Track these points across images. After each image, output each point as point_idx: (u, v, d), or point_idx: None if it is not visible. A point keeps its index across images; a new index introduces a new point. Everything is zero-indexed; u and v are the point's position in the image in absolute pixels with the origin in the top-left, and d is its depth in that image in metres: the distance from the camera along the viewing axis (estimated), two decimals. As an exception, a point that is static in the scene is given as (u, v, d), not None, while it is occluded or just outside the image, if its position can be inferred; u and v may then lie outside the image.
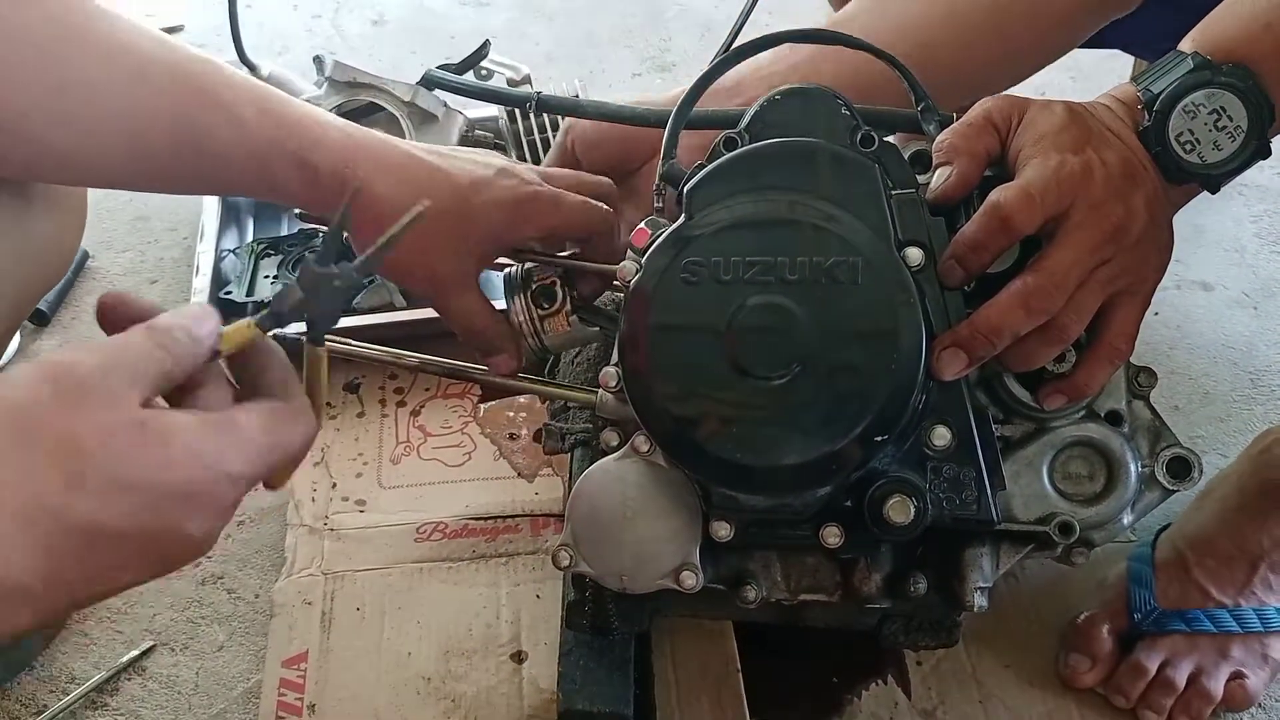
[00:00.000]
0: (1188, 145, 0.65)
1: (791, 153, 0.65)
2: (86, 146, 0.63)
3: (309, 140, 0.67)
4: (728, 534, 0.67)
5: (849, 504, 0.66)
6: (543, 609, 0.95)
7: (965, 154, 0.65)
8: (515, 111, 1.22)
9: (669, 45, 1.70)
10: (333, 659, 0.92)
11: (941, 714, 0.89)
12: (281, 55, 1.67)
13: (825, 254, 0.63)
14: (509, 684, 0.90)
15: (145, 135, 0.64)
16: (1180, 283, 1.26)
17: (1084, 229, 0.62)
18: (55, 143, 0.62)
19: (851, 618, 0.77)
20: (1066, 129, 0.64)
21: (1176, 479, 0.70)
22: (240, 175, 0.67)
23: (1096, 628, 0.89)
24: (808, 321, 0.62)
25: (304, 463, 1.08)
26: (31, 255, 0.71)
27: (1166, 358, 1.18)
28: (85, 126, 0.62)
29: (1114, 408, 0.70)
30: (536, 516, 1.02)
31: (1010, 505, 0.69)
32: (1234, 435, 1.10)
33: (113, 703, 0.92)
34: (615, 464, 0.68)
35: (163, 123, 0.64)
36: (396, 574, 0.98)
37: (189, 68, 0.65)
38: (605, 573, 0.69)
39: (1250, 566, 0.89)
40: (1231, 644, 0.87)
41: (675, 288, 0.64)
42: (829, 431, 0.62)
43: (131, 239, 1.37)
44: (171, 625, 0.97)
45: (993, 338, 0.62)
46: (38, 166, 0.64)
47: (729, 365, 0.63)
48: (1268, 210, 1.36)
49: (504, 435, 1.10)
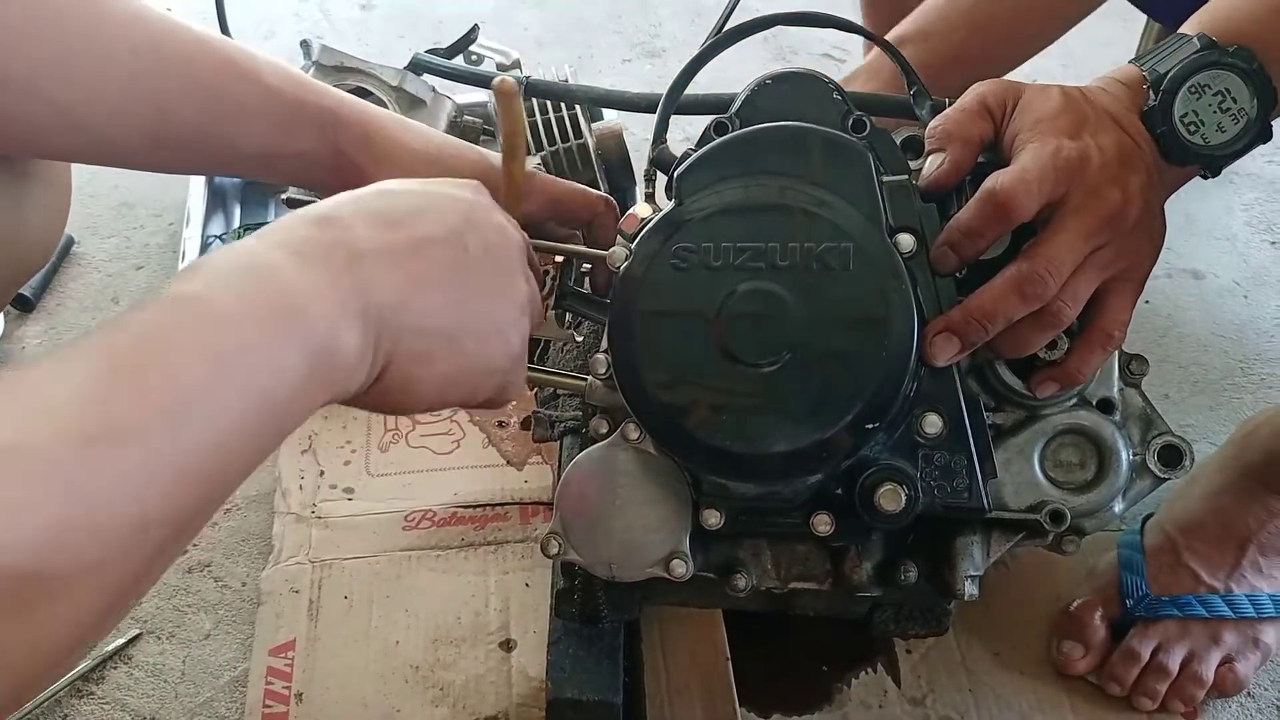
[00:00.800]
0: (1191, 126, 0.64)
1: (782, 137, 0.65)
2: (98, 110, 0.63)
3: (331, 98, 0.68)
4: (718, 522, 0.67)
5: (839, 492, 0.66)
6: (532, 597, 0.94)
7: (958, 140, 0.64)
8: (504, 97, 1.21)
9: (659, 30, 1.69)
10: (320, 647, 0.92)
11: (931, 702, 0.89)
12: (268, 40, 1.65)
13: (816, 240, 0.62)
14: (498, 672, 0.90)
15: (164, 102, 0.64)
16: (1171, 271, 1.26)
17: (1080, 215, 0.61)
18: (65, 102, 0.61)
19: (842, 606, 0.77)
20: (1063, 114, 0.63)
21: (1168, 467, 0.70)
22: (263, 139, 0.67)
23: (1089, 615, 0.90)
24: (798, 308, 0.62)
25: (291, 450, 1.07)
26: (15, 237, 0.70)
27: (1157, 346, 1.18)
28: (97, 88, 0.62)
29: (1106, 395, 0.70)
30: (525, 504, 1.02)
31: (1001, 493, 0.68)
32: (1224, 423, 1.10)
33: (99, 691, 0.91)
34: (604, 451, 0.68)
35: (183, 88, 0.64)
36: (384, 562, 0.97)
37: (207, 38, 0.66)
38: (594, 561, 0.69)
39: (1239, 548, 0.89)
40: (1223, 629, 0.87)
41: (665, 274, 0.63)
42: (819, 419, 0.62)
43: (117, 225, 1.35)
44: (158, 613, 0.96)
45: (986, 323, 0.62)
46: (47, 130, 0.64)
47: (719, 352, 0.62)
48: (1258, 198, 1.36)
49: (493, 423, 1.09)
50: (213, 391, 0.39)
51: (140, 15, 0.63)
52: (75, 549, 0.34)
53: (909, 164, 0.67)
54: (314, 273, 0.46)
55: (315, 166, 0.69)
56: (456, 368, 0.53)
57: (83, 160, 0.70)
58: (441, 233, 0.52)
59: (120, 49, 0.62)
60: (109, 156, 0.68)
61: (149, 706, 0.91)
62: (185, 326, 0.40)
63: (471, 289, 0.53)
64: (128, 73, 0.63)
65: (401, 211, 0.52)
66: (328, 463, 1.06)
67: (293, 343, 0.43)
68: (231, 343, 0.41)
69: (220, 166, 0.86)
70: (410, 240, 0.51)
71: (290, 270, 0.45)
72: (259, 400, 0.41)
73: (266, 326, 0.42)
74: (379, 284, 0.48)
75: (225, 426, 0.40)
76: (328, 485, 1.04)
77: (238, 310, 0.42)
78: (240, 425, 0.41)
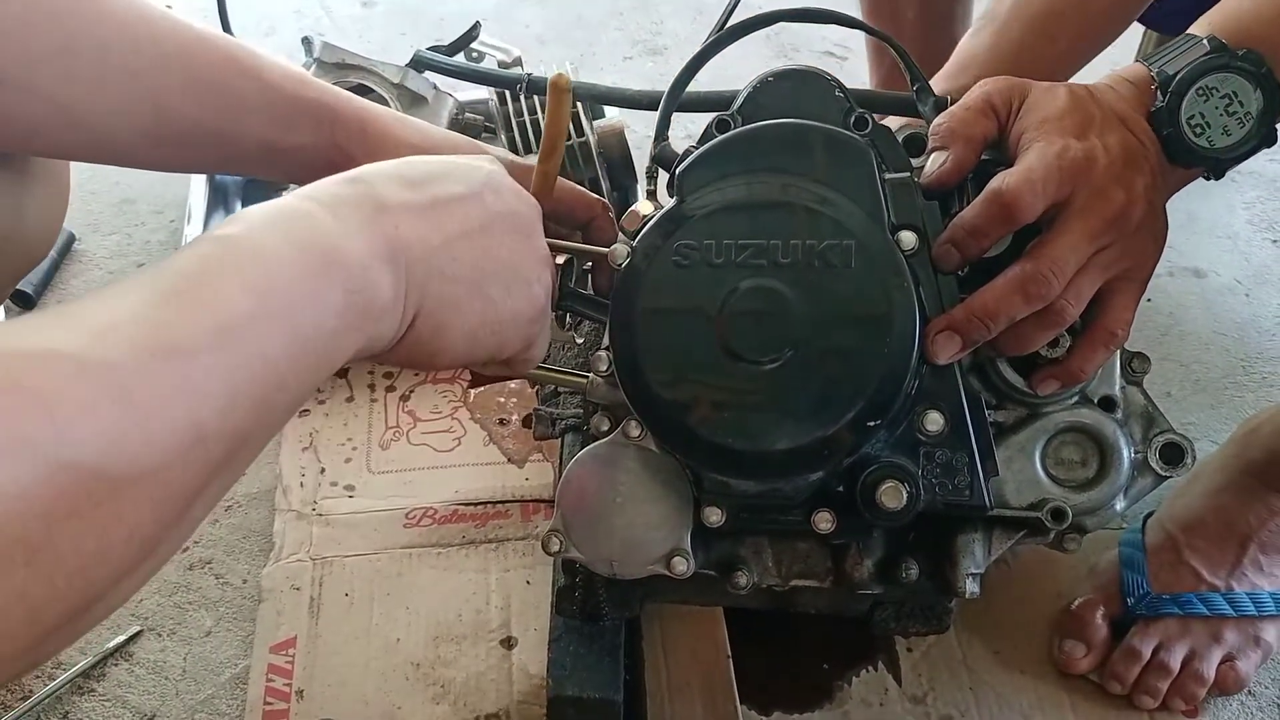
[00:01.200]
0: (1198, 128, 0.64)
1: (784, 135, 0.65)
2: (98, 107, 0.63)
3: (330, 94, 0.69)
4: (719, 519, 0.67)
5: (841, 489, 0.66)
6: (533, 594, 0.94)
7: (962, 139, 0.64)
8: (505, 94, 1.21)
9: (661, 28, 1.68)
10: (321, 645, 0.92)
11: (931, 700, 0.89)
12: (269, 37, 1.65)
13: (818, 237, 0.62)
14: (498, 670, 0.90)
15: (164, 99, 0.64)
16: (1173, 269, 1.26)
17: (1085, 215, 0.61)
18: (64, 100, 0.62)
19: (843, 603, 0.77)
20: (1069, 113, 0.63)
21: (1170, 465, 0.69)
22: (262, 135, 0.68)
23: (1090, 613, 0.89)
24: (800, 305, 0.62)
25: (292, 447, 1.07)
26: (13, 233, 0.70)
27: (1159, 344, 1.17)
28: (97, 86, 0.62)
29: (1108, 393, 0.69)
30: (527, 502, 1.02)
31: (1003, 491, 0.68)
32: (1225, 422, 1.10)
33: (100, 688, 0.92)
34: (606, 449, 0.68)
35: (183, 84, 0.65)
36: (385, 559, 0.97)
37: (206, 34, 0.66)
38: (595, 558, 0.69)
39: (1240, 546, 0.89)
40: (1224, 627, 0.87)
41: (667, 271, 0.63)
42: (821, 416, 0.62)
43: (118, 221, 1.35)
44: (159, 610, 0.97)
45: (988, 322, 0.62)
46: (46, 128, 0.64)
47: (721, 349, 0.62)
48: (1260, 197, 1.36)
49: (494, 420, 1.09)
50: (257, 319, 0.41)
51: (140, 12, 0.63)
52: (133, 453, 0.36)
53: (911, 161, 0.67)
54: (345, 219, 0.48)
55: (313, 162, 0.69)
56: (484, 316, 0.54)
57: (82, 158, 0.70)
58: (462, 190, 0.54)
59: (120, 46, 0.62)
60: (108, 154, 0.68)
61: (150, 703, 0.91)
62: (229, 262, 0.43)
63: (494, 241, 0.55)
64: (127, 70, 0.63)
65: (423, 175, 0.54)
66: (329, 460, 1.06)
67: (330, 279, 0.45)
68: (273, 277, 0.43)
69: (219, 164, 0.86)
70: (433, 197, 0.53)
71: (324, 216, 0.47)
72: (300, 331, 0.43)
73: (305, 263, 0.45)
74: (406, 233, 0.50)
75: (270, 354, 0.42)
76: (329, 482, 1.04)
77: (277, 248, 0.44)
78: (285, 353, 0.43)
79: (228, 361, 0.40)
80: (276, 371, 0.42)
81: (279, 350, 0.42)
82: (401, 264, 0.49)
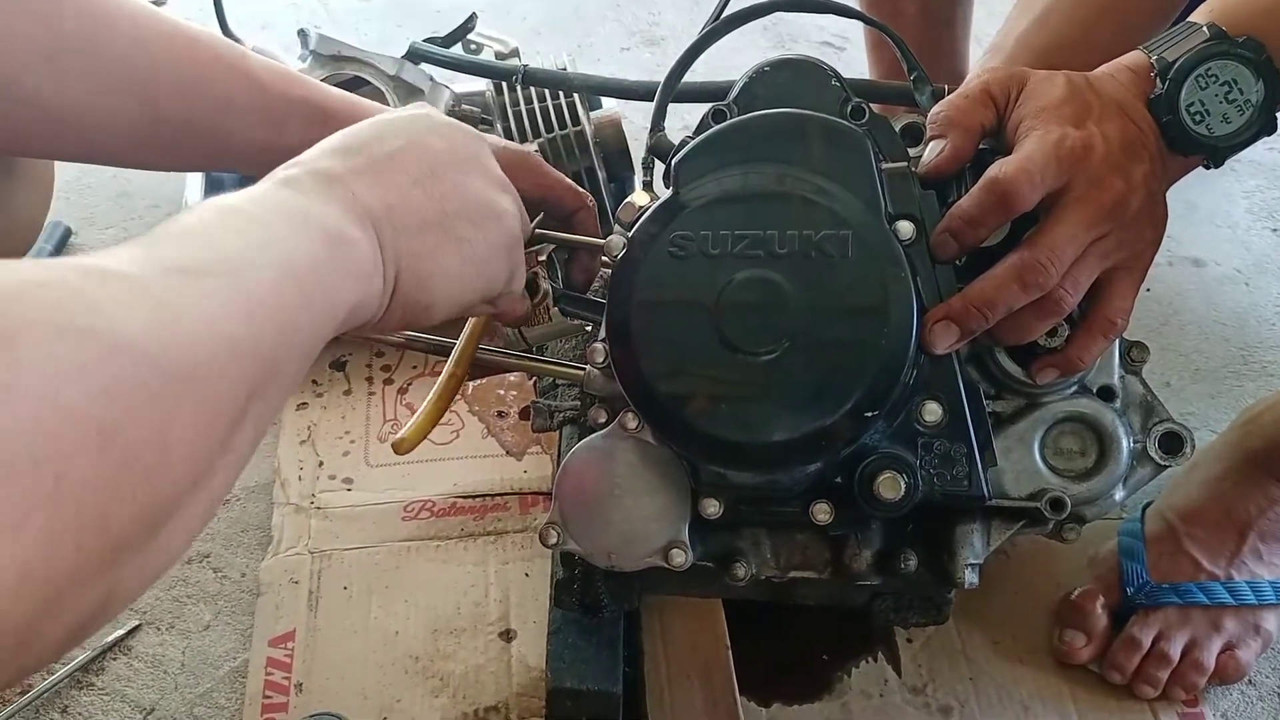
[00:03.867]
0: (1197, 116, 0.64)
1: (781, 124, 0.65)
2: (87, 109, 0.63)
3: (320, 92, 0.69)
4: (717, 511, 0.67)
5: (839, 480, 0.65)
6: (531, 587, 0.94)
7: (959, 128, 0.64)
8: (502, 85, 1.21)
9: (658, 19, 1.68)
10: (320, 638, 0.92)
11: (931, 691, 0.88)
12: (265, 30, 1.65)
13: (815, 227, 0.62)
14: (498, 662, 0.90)
15: (153, 99, 0.64)
16: (1172, 259, 1.26)
17: (1083, 204, 0.61)
18: (52, 105, 0.61)
19: (841, 595, 0.77)
20: (1068, 102, 0.63)
21: (1169, 454, 0.69)
22: (252, 134, 0.68)
23: (1090, 603, 0.89)
24: (797, 296, 0.61)
25: (290, 440, 1.07)
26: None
27: (1158, 334, 1.17)
28: (86, 87, 0.62)
29: (1106, 383, 0.69)
30: (525, 494, 1.02)
31: (1001, 481, 0.68)
32: (1225, 411, 1.09)
33: (98, 682, 0.91)
34: (603, 441, 0.68)
35: (172, 84, 0.64)
36: (384, 552, 0.97)
37: (195, 33, 0.66)
38: (593, 551, 0.69)
39: (1239, 535, 0.89)
40: (1224, 616, 0.87)
41: (663, 262, 0.63)
42: (819, 407, 0.61)
43: (114, 215, 1.35)
44: (157, 604, 0.96)
45: (986, 311, 0.62)
46: (35, 133, 0.64)
47: (717, 340, 0.62)
48: (1259, 186, 1.36)
49: (492, 413, 1.09)
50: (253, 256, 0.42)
51: (129, 14, 0.63)
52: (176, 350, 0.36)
53: (908, 151, 0.66)
54: (305, 194, 0.49)
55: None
56: (463, 255, 0.55)
57: (71, 159, 0.69)
58: (402, 142, 0.55)
59: (109, 49, 0.62)
60: (99, 155, 0.68)
61: (149, 697, 0.91)
62: (214, 221, 0.43)
63: (448, 181, 0.55)
64: (117, 72, 0.62)
65: (358, 140, 0.54)
66: (326, 453, 1.06)
67: (310, 231, 0.46)
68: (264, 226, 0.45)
69: (209, 162, 0.86)
70: (374, 157, 0.53)
71: (286, 192, 0.48)
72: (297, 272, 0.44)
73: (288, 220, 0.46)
74: (363, 196, 0.51)
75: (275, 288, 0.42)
76: (327, 476, 1.04)
77: (256, 211, 0.45)
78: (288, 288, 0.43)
79: (239, 285, 0.40)
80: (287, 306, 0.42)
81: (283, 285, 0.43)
82: (369, 225, 0.50)
